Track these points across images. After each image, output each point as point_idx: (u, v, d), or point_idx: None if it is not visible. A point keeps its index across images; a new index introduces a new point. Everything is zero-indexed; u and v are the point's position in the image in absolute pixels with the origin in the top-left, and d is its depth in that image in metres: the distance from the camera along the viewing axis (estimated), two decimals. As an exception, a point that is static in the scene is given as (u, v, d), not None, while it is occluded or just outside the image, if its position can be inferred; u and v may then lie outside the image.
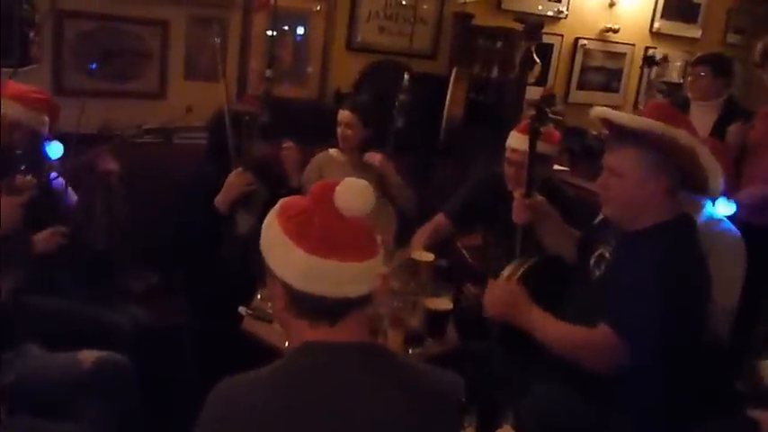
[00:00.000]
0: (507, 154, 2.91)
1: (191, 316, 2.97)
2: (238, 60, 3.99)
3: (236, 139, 2.97)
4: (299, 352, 1.33)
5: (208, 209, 2.90)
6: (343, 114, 3.42)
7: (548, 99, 2.60)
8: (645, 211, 2.07)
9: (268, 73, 3.35)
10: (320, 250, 1.30)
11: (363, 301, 1.35)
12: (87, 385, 2.25)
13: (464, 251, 3.32)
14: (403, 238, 3.24)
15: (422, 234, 3.07)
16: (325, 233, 1.31)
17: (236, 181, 2.92)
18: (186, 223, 2.91)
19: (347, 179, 1.35)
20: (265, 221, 1.38)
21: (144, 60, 3.72)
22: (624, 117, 2.06)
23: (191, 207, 2.91)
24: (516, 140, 2.89)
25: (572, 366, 2.03)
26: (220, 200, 2.92)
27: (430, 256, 2.82)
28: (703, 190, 2.05)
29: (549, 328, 2.09)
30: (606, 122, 2.13)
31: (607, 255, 2.21)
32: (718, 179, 2.01)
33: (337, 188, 1.33)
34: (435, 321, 2.44)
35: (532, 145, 2.53)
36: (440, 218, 3.16)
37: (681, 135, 1.98)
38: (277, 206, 1.38)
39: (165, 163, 3.47)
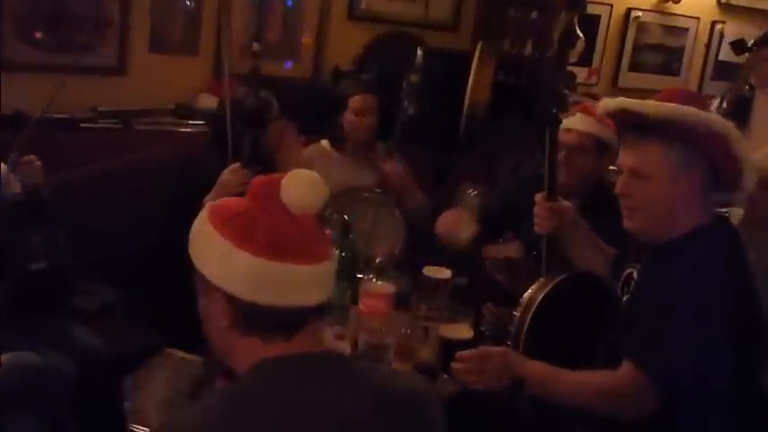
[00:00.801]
0: (560, 136, 2.93)
1: (154, 341, 3.01)
2: (215, 30, 4.03)
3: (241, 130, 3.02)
4: (257, 372, 1.36)
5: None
6: (363, 99, 3.44)
7: (566, 78, 2.62)
8: (678, 217, 2.08)
9: (255, 47, 3.38)
10: (269, 252, 1.34)
11: (321, 310, 1.41)
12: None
13: (488, 264, 3.33)
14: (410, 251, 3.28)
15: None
16: (274, 233, 1.35)
17: (232, 179, 2.94)
18: (171, 233, 2.94)
19: (294, 171, 1.41)
20: (194, 228, 1.43)
21: (100, 28, 3.74)
22: (648, 106, 2.06)
23: (179, 213, 2.95)
24: (572, 119, 2.94)
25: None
26: (212, 200, 2.94)
27: (446, 272, 2.84)
28: (735, 185, 2.08)
29: (555, 379, 2.09)
30: (620, 116, 2.16)
31: (635, 275, 2.24)
32: (751, 173, 2.04)
33: (283, 182, 1.38)
34: (452, 353, 2.46)
35: (552, 138, 2.55)
36: None
37: (714, 120, 2.02)
38: (205, 210, 1.43)
39: (124, 153, 3.50)
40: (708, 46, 5.70)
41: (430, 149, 4.25)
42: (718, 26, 5.67)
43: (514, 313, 2.41)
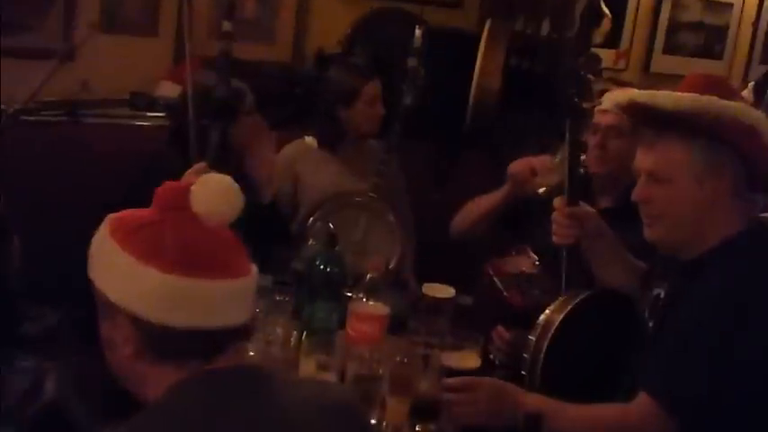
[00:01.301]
0: (596, 117, 2.93)
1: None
2: (177, 6, 4.00)
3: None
4: (174, 394, 1.39)
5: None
6: (376, 86, 3.50)
7: (589, 62, 2.61)
8: (705, 226, 2.09)
9: (225, 26, 3.35)
10: (181, 267, 1.36)
11: (243, 331, 1.47)
12: None
13: (497, 281, 3.32)
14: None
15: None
16: (184, 246, 1.39)
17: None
18: None
19: (204, 176, 1.47)
20: (93, 242, 1.45)
21: (42, 4, 3.74)
22: (662, 97, 2.07)
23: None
24: (611, 98, 2.94)
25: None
26: None
27: (449, 291, 2.83)
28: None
29: (559, 415, 2.09)
30: (632, 111, 2.17)
31: (662, 296, 2.25)
32: None
33: (193, 189, 1.42)
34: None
35: (572, 130, 2.55)
36: None
37: (741, 110, 2.02)
38: (105, 222, 1.46)
39: (70, 149, 3.48)
40: (755, 24, 5.70)
41: (431, 144, 4.23)
42: (768, 1, 5.66)
43: (530, 338, 2.41)
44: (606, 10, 3.91)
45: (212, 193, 1.42)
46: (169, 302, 1.36)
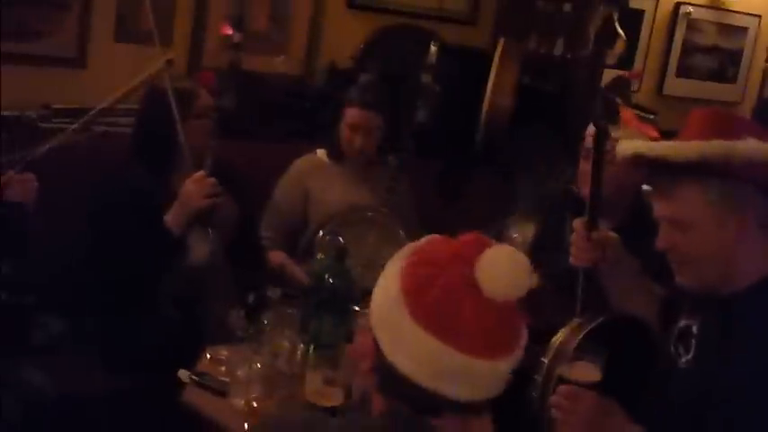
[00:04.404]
0: (586, 142, 2.91)
1: (109, 380, 2.98)
2: (193, 17, 4.03)
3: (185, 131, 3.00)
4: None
5: (147, 230, 2.93)
6: (361, 115, 3.46)
7: (620, 85, 2.61)
8: (739, 265, 2.05)
9: (236, 37, 3.38)
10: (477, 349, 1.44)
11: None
12: None
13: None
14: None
15: None
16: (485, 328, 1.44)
17: (196, 190, 2.95)
18: (116, 253, 2.93)
19: (494, 250, 1.47)
20: (381, 296, 1.52)
21: (57, 12, 3.75)
22: (668, 149, 2.06)
23: (124, 231, 2.94)
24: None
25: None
26: (174, 216, 2.95)
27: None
28: None
29: None
30: (640, 162, 2.15)
31: (694, 329, 2.21)
32: None
33: (480, 265, 1.45)
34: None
35: (598, 152, 2.53)
36: None
37: (751, 148, 1.98)
38: (397, 280, 1.50)
39: (83, 159, 3.48)
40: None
41: (443, 161, 4.24)
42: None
43: (542, 360, 2.37)
44: (620, 30, 3.93)
45: (502, 270, 1.46)
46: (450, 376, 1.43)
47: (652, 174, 2.16)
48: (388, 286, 1.50)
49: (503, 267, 1.44)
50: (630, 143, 2.17)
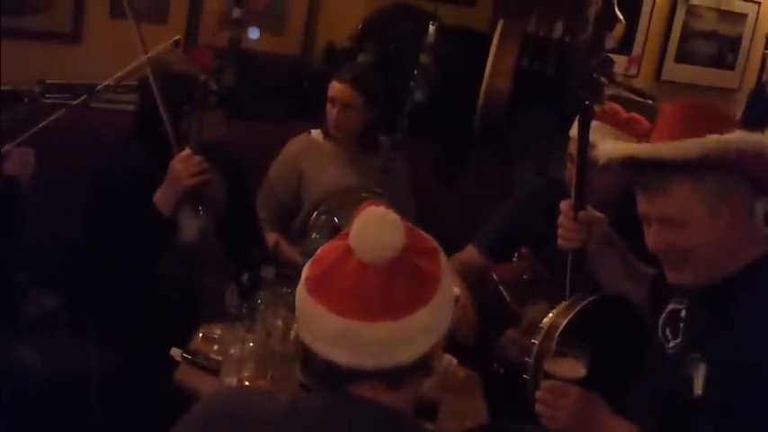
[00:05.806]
0: (569, 147, 2.92)
1: (102, 357, 2.98)
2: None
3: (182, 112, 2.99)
4: None
5: (140, 209, 2.92)
6: (339, 89, 3.46)
7: (602, 65, 2.59)
8: (734, 251, 2.06)
9: (235, 13, 3.34)
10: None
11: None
12: None
13: (502, 287, 3.31)
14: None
15: None
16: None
17: (183, 169, 2.94)
18: (114, 233, 2.93)
19: (367, 211, 1.52)
20: None
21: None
22: (661, 150, 2.04)
23: (118, 209, 2.93)
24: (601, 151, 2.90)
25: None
26: (163, 196, 2.93)
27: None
28: None
29: None
30: (629, 163, 2.13)
31: (683, 314, 2.21)
32: None
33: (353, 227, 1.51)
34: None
35: (583, 133, 2.53)
36: (469, 252, 3.18)
37: (743, 140, 1.98)
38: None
39: (78, 135, 3.47)
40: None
41: (440, 144, 4.23)
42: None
43: (533, 341, 2.40)
44: (620, 14, 3.92)
45: (371, 233, 1.48)
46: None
47: (640, 174, 2.13)
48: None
49: (371, 229, 1.47)
50: (620, 146, 2.15)
